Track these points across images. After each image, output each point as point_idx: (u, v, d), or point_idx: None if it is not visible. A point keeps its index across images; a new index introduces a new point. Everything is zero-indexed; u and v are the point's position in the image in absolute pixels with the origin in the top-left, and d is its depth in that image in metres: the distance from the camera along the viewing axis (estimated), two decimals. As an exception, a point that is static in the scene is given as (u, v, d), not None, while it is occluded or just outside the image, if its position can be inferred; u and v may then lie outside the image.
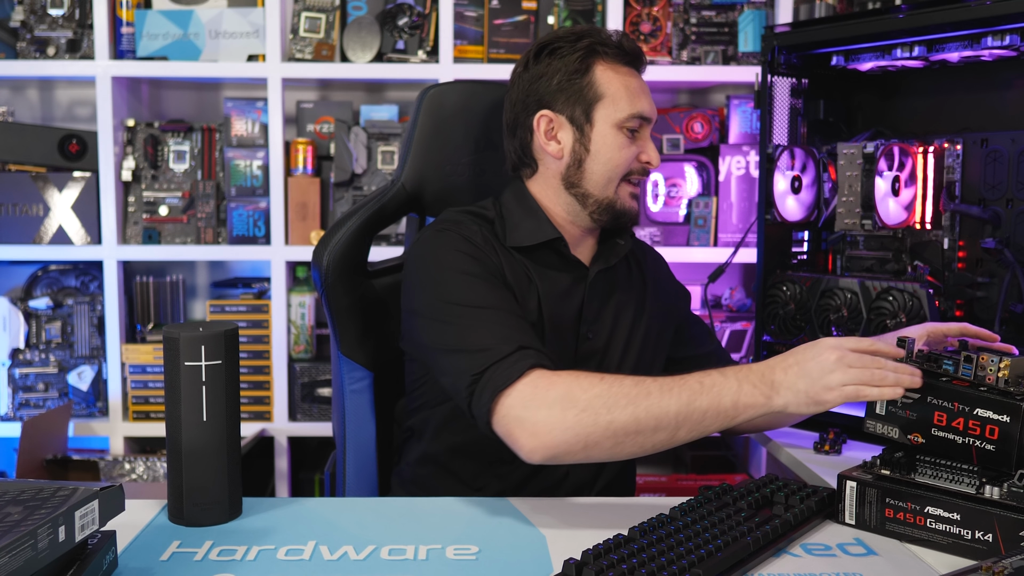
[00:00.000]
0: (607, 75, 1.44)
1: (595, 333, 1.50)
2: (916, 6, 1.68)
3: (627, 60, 1.47)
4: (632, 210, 1.50)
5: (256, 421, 2.54)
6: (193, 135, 2.59)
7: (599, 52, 1.45)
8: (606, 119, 1.44)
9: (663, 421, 1.20)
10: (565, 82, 1.44)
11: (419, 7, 2.52)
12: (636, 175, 1.49)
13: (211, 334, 1.19)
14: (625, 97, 1.44)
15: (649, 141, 1.49)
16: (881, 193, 1.73)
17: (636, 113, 1.45)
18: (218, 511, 1.23)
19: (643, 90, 1.47)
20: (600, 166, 1.45)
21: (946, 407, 1.19)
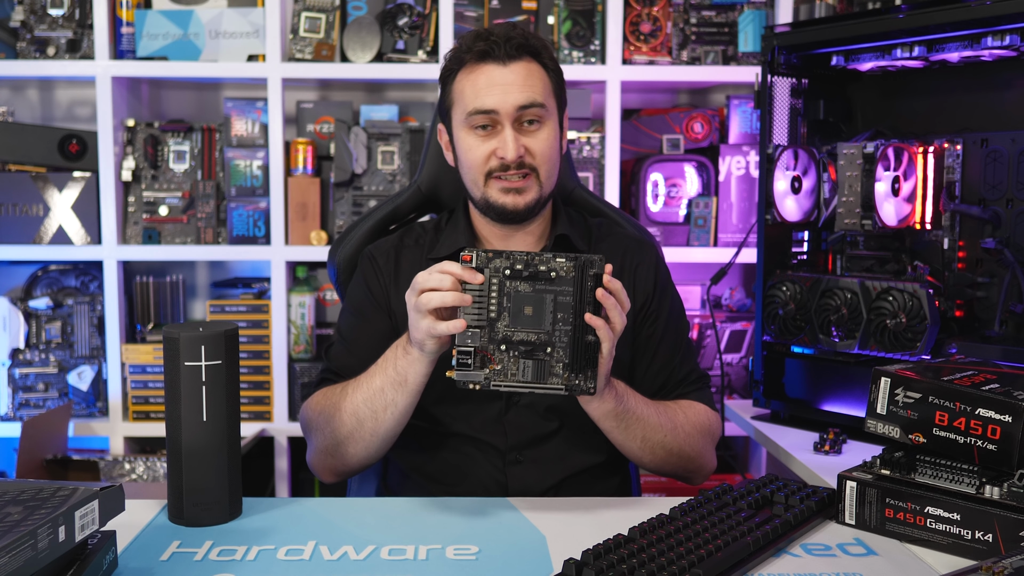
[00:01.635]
0: (460, 80, 1.44)
1: None
2: (916, 6, 1.68)
3: (479, 57, 1.42)
4: (506, 205, 1.44)
5: (256, 421, 2.54)
6: (193, 135, 2.59)
7: (461, 59, 1.44)
8: (458, 124, 1.46)
9: (359, 414, 1.35)
10: (441, 95, 1.50)
11: (419, 7, 2.52)
12: (498, 171, 1.43)
13: (211, 334, 1.19)
14: (467, 97, 1.42)
15: (508, 130, 1.41)
16: (881, 193, 1.73)
17: (473, 109, 1.41)
18: (218, 511, 1.23)
19: (491, 83, 1.41)
20: (465, 170, 1.47)
21: (947, 407, 1.19)
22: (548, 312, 1.19)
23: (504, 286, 1.20)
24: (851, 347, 1.74)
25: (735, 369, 2.59)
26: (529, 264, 1.19)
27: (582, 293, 1.19)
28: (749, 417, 1.93)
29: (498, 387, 1.19)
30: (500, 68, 1.42)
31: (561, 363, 1.20)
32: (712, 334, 2.57)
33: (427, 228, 1.59)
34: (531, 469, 1.46)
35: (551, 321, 1.19)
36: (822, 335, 1.78)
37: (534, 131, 1.44)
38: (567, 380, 1.20)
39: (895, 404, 1.24)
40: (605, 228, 1.61)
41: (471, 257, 1.20)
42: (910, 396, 1.22)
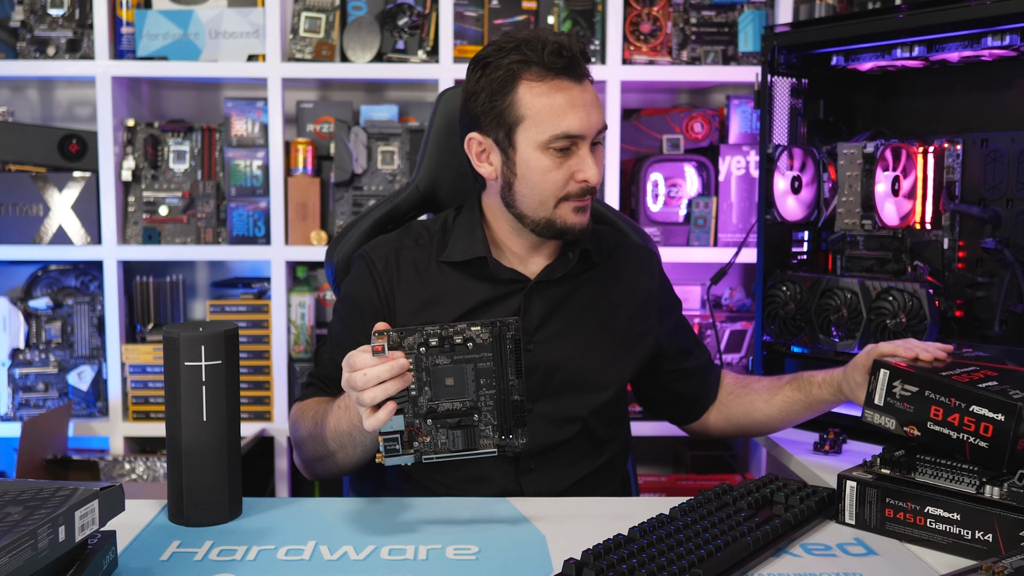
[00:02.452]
0: (530, 93, 1.36)
1: (537, 346, 1.46)
2: (916, 6, 1.68)
3: (556, 72, 1.36)
4: (576, 226, 1.42)
5: (256, 421, 2.54)
6: (193, 135, 2.59)
7: (523, 69, 1.36)
8: (528, 142, 1.37)
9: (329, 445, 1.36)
10: (488, 104, 1.39)
11: (419, 7, 2.52)
12: (575, 195, 1.40)
13: (211, 334, 1.19)
14: (547, 117, 1.35)
15: (587, 157, 1.38)
16: (881, 193, 1.73)
17: (560, 133, 1.36)
18: (218, 511, 1.23)
19: (572, 104, 1.36)
20: (528, 189, 1.40)
21: (943, 402, 1.20)
22: (470, 380, 1.19)
23: (421, 361, 1.18)
24: (851, 347, 1.74)
25: (735, 369, 2.59)
26: (444, 337, 1.18)
27: (503, 356, 1.18)
28: (749, 417, 1.93)
29: (430, 459, 1.19)
30: (578, 87, 1.37)
31: (490, 426, 1.20)
32: (712, 334, 2.56)
33: (431, 228, 1.54)
34: (543, 476, 1.45)
35: (474, 388, 1.19)
36: (822, 335, 1.78)
37: (597, 152, 1.42)
38: (498, 441, 1.20)
39: (892, 396, 1.24)
40: (612, 238, 1.60)
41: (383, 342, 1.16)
42: (907, 389, 1.22)
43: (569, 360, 1.47)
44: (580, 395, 1.47)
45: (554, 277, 1.48)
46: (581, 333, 1.49)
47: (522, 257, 1.49)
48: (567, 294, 1.49)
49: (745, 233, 2.50)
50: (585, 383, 1.47)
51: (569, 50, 1.36)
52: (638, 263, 1.59)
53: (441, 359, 1.18)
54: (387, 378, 1.14)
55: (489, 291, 1.47)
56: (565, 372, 1.46)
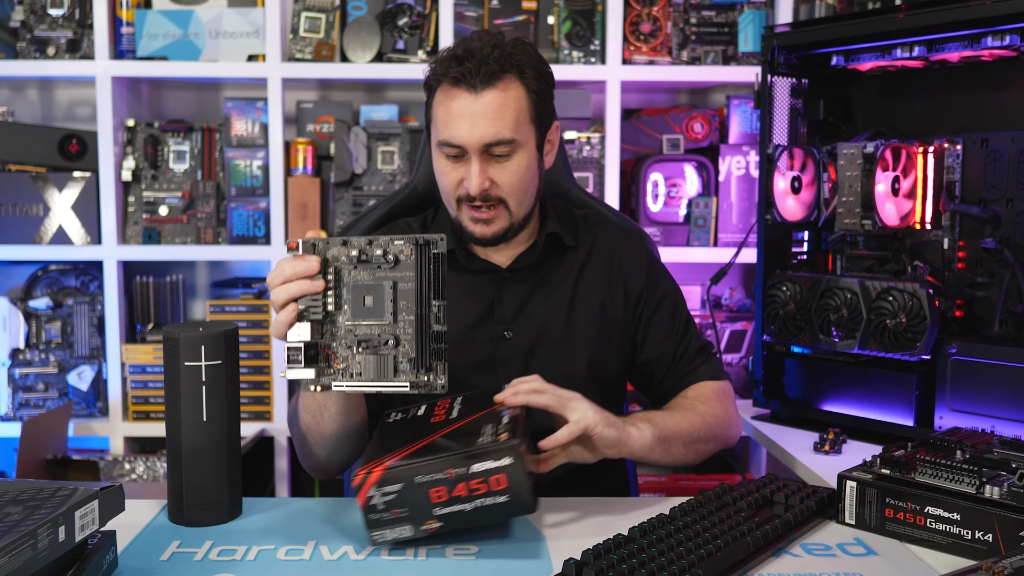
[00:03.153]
0: (439, 98, 1.42)
1: (516, 332, 1.49)
2: (916, 6, 1.68)
3: (453, 81, 1.38)
4: (474, 233, 1.45)
5: (256, 421, 2.54)
6: (193, 135, 2.59)
7: (442, 74, 1.40)
8: (433, 144, 1.45)
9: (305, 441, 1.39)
10: (426, 103, 1.47)
11: (419, 7, 2.52)
12: (465, 201, 1.43)
13: (211, 334, 1.19)
14: (440, 122, 1.41)
15: (472, 166, 1.39)
16: (881, 193, 1.73)
17: (442, 139, 1.40)
18: (218, 511, 1.23)
19: (460, 114, 1.37)
20: (440, 189, 1.48)
21: (439, 480, 1.08)
22: (388, 301, 1.11)
23: (342, 276, 1.12)
24: (851, 347, 1.74)
25: (735, 369, 2.59)
26: (363, 250, 1.11)
27: (425, 277, 1.10)
28: (749, 417, 1.93)
29: (340, 387, 1.12)
30: (471, 97, 1.37)
31: (407, 358, 1.12)
32: (712, 334, 2.56)
33: (412, 226, 1.59)
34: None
35: (392, 310, 1.11)
36: (822, 335, 1.78)
37: (502, 163, 1.41)
38: (415, 378, 1.12)
39: (375, 511, 1.11)
40: (592, 218, 1.61)
41: (296, 244, 1.12)
42: (388, 492, 1.10)
43: (547, 343, 1.49)
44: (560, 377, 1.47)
45: (526, 264, 1.51)
46: (557, 316, 1.51)
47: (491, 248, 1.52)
48: (542, 279, 1.52)
49: (745, 233, 2.50)
50: (563, 365, 1.49)
51: (471, 59, 1.37)
52: (614, 239, 1.58)
53: (362, 275, 1.12)
54: (291, 276, 1.13)
55: (464, 282, 1.50)
56: (543, 355, 1.49)
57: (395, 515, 1.10)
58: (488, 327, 1.49)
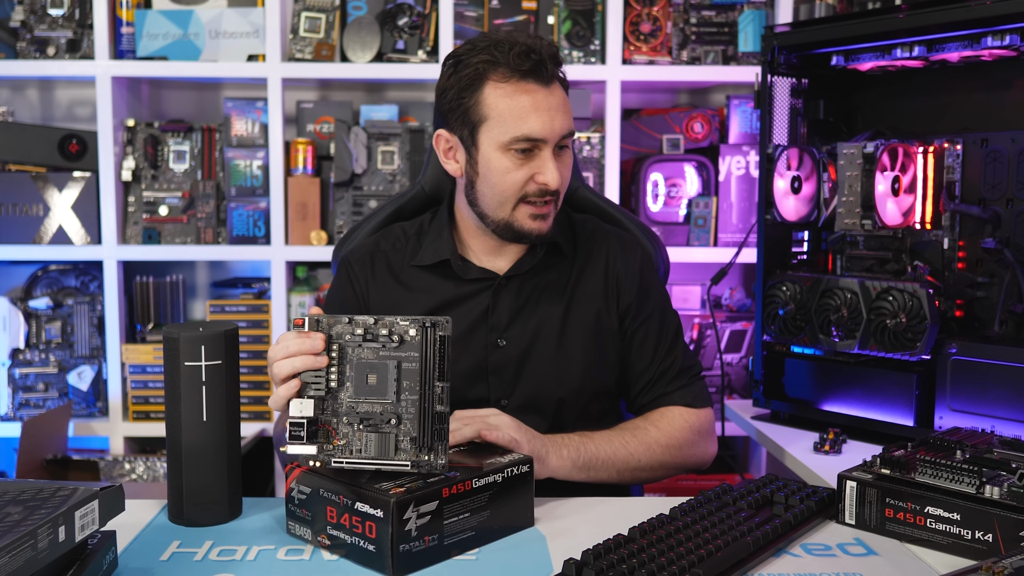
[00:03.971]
0: (495, 94, 1.37)
1: (509, 340, 1.48)
2: (916, 6, 1.68)
3: (521, 75, 1.36)
4: (533, 231, 1.43)
5: (256, 421, 2.54)
6: (193, 135, 2.59)
7: (491, 69, 1.37)
8: (490, 142, 1.39)
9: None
10: (455, 101, 1.40)
11: (419, 7, 2.52)
12: (534, 197, 1.40)
13: (211, 334, 1.19)
14: (509, 118, 1.36)
15: (549, 160, 1.38)
16: (881, 193, 1.73)
17: (520, 135, 1.36)
18: (218, 511, 1.23)
19: (536, 107, 1.36)
20: (488, 189, 1.41)
21: (334, 501, 1.09)
22: (392, 380, 1.11)
23: (346, 353, 1.13)
24: (851, 347, 1.74)
25: (735, 369, 2.59)
26: (370, 328, 1.12)
27: (429, 358, 1.10)
28: (749, 417, 1.93)
29: (339, 463, 1.12)
30: (544, 91, 1.37)
31: (408, 437, 1.11)
32: (712, 334, 2.57)
33: (408, 232, 1.57)
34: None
35: (395, 390, 1.11)
36: (822, 335, 1.78)
37: (563, 157, 1.42)
38: (415, 456, 1.11)
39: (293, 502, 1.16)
40: (590, 225, 1.59)
41: (303, 322, 1.13)
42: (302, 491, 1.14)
43: (540, 351, 1.48)
44: (553, 385, 1.48)
45: (523, 271, 1.50)
46: (551, 325, 1.49)
47: (491, 253, 1.51)
48: (537, 286, 1.51)
49: (745, 233, 2.50)
50: (556, 374, 1.48)
51: (538, 53, 1.36)
52: (610, 248, 1.56)
53: (366, 353, 1.12)
54: (295, 352, 1.13)
55: (458, 289, 1.50)
56: (536, 363, 1.48)
57: (303, 515, 1.15)
58: (482, 334, 1.48)
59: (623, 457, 1.40)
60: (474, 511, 1.12)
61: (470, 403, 1.43)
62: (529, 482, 1.19)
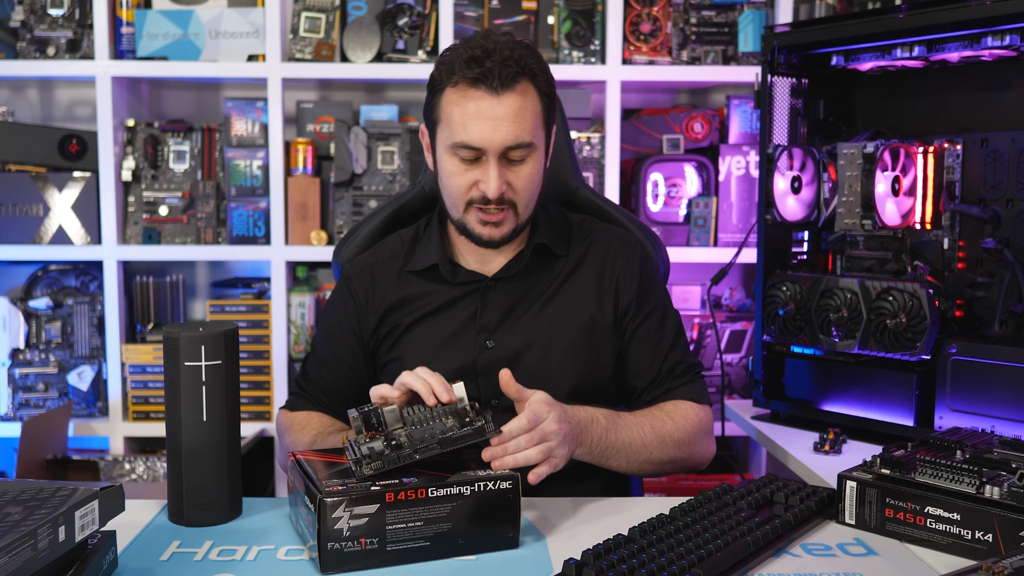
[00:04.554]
0: (447, 98, 1.39)
1: (498, 341, 1.48)
2: (916, 6, 1.68)
3: (471, 81, 1.36)
4: (482, 236, 1.43)
5: (256, 421, 2.54)
6: (193, 135, 2.59)
7: (447, 72, 1.38)
8: (442, 143, 1.42)
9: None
10: (427, 100, 1.45)
11: (419, 7, 2.52)
12: (477, 203, 1.41)
13: (211, 334, 1.19)
14: (455, 123, 1.37)
15: (491, 169, 1.37)
16: (881, 193, 1.73)
17: (459, 142, 1.37)
18: (218, 511, 1.23)
19: (480, 116, 1.36)
20: (443, 189, 1.46)
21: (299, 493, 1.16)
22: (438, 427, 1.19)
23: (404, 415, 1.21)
24: (851, 347, 1.74)
25: (735, 369, 2.59)
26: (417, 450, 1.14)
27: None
28: (749, 417, 1.93)
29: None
30: (492, 99, 1.36)
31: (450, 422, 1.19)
32: (712, 334, 2.57)
33: (404, 238, 1.58)
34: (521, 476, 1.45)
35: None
36: (822, 335, 1.78)
37: (517, 168, 1.41)
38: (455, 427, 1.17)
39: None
40: (588, 225, 1.59)
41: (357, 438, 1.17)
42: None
43: (529, 353, 1.48)
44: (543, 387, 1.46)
45: (511, 273, 1.50)
46: (541, 325, 1.49)
47: (480, 255, 1.51)
48: (527, 288, 1.51)
49: (745, 233, 2.50)
50: (546, 374, 1.47)
51: (491, 60, 1.35)
52: (607, 250, 1.55)
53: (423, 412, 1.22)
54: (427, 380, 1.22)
55: (449, 293, 1.51)
56: (526, 365, 1.47)
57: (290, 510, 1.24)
58: (470, 336, 1.48)
59: (638, 448, 1.39)
60: (430, 521, 1.10)
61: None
62: (511, 500, 1.14)
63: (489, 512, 1.13)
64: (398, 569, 1.08)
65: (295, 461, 1.19)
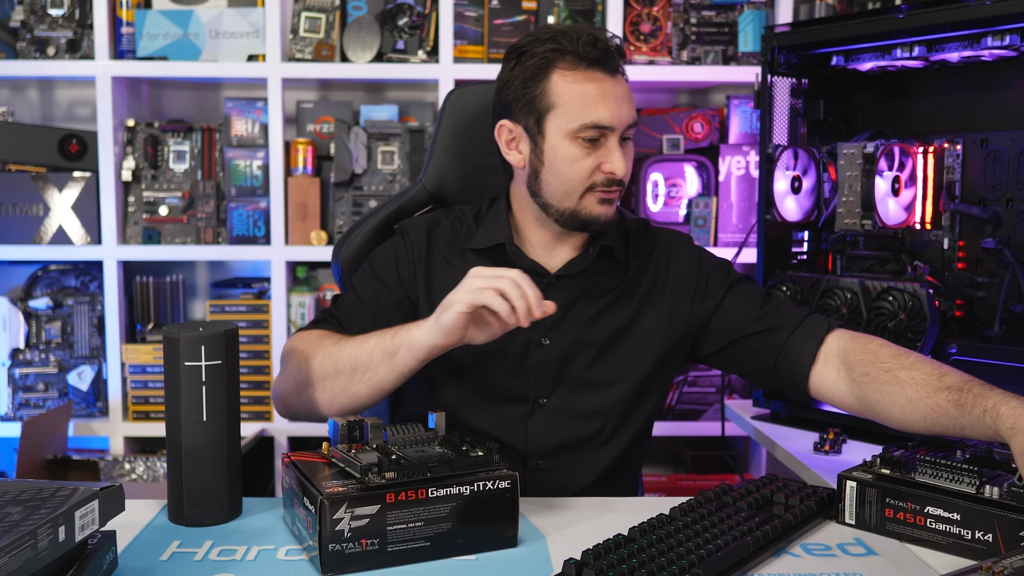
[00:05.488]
0: (562, 82, 1.36)
1: (552, 339, 1.44)
2: (916, 6, 1.68)
3: (588, 64, 1.36)
4: (600, 217, 1.41)
5: (256, 421, 2.54)
6: (193, 135, 2.59)
7: (558, 57, 1.36)
8: (557, 130, 1.37)
9: (339, 363, 1.32)
10: (520, 90, 1.39)
11: (419, 7, 2.52)
12: (601, 186, 1.39)
13: (211, 334, 1.19)
14: (578, 105, 1.35)
15: (615, 149, 1.37)
16: (881, 193, 1.73)
17: (589, 122, 1.35)
18: (218, 511, 1.23)
19: (604, 95, 1.36)
20: (555, 178, 1.40)
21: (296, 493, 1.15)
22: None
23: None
24: (851, 347, 1.74)
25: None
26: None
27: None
28: (749, 417, 1.93)
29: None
30: (611, 80, 1.37)
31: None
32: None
33: (467, 214, 1.53)
34: (553, 476, 1.45)
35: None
36: (822, 335, 1.78)
37: (626, 148, 1.40)
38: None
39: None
40: (641, 227, 1.56)
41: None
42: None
43: (583, 354, 1.45)
44: (594, 390, 1.45)
45: (573, 272, 1.47)
46: (597, 328, 1.46)
47: (546, 248, 1.48)
48: (586, 289, 1.47)
49: (745, 233, 2.50)
50: (599, 378, 1.45)
51: (604, 43, 1.37)
52: (666, 251, 1.53)
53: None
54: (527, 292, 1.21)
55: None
56: (578, 367, 1.45)
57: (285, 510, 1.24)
58: (525, 331, 1.42)
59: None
60: (430, 521, 1.09)
61: (507, 396, 1.43)
62: (510, 499, 1.13)
63: (488, 512, 1.13)
64: (398, 569, 1.08)
65: (290, 463, 1.19)
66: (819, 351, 1.41)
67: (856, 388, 1.37)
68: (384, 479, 1.07)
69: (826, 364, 1.41)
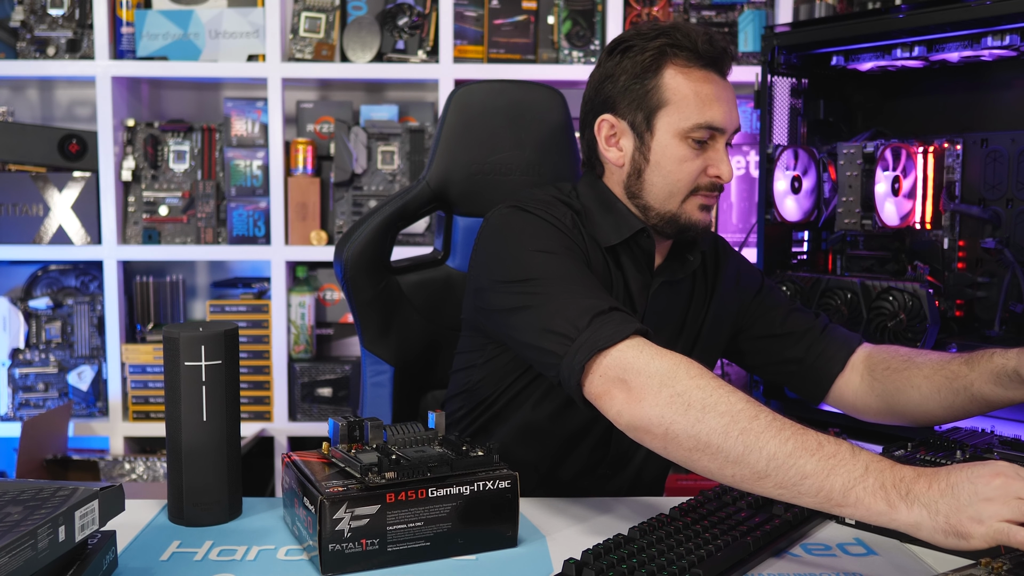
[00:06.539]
0: (676, 79, 1.32)
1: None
2: (916, 6, 1.68)
3: (704, 63, 1.32)
4: (699, 223, 1.36)
5: (256, 421, 2.54)
6: (193, 135, 2.59)
7: (671, 53, 1.32)
8: (668, 128, 1.32)
9: (751, 455, 1.04)
10: (630, 84, 1.34)
11: (419, 7, 2.52)
12: (704, 190, 1.35)
13: (211, 334, 1.19)
14: (692, 104, 1.31)
15: (722, 153, 1.33)
16: (881, 193, 1.73)
17: (703, 123, 1.31)
18: (218, 511, 1.23)
19: (718, 97, 1.32)
20: (660, 178, 1.34)
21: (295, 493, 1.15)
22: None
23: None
24: (851, 347, 1.74)
25: (735, 369, 2.58)
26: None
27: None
28: (749, 417, 1.93)
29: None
30: (722, 83, 1.34)
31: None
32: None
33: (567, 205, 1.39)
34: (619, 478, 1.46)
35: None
36: (822, 335, 1.78)
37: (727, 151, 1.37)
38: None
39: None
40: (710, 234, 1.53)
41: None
42: None
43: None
44: None
45: (675, 279, 1.42)
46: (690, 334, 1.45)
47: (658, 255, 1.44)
48: (679, 294, 1.45)
49: (745, 233, 2.50)
50: None
51: (720, 43, 1.33)
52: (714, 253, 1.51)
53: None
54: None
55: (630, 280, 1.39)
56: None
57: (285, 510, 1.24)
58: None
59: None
60: (430, 521, 1.09)
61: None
62: (510, 499, 1.13)
63: (488, 512, 1.13)
64: (398, 569, 1.08)
65: (290, 463, 1.19)
66: (848, 360, 1.44)
67: (878, 385, 1.39)
68: (384, 479, 1.07)
69: (852, 372, 1.44)
